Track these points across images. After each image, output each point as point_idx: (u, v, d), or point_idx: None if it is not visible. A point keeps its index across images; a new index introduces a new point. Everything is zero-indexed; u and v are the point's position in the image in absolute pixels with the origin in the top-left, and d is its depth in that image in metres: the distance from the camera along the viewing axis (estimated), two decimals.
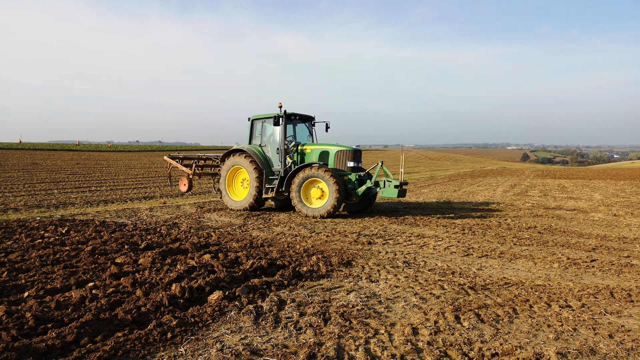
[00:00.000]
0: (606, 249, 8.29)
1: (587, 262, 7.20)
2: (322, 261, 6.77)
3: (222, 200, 13.64)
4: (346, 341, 3.95)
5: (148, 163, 40.08)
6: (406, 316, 4.64)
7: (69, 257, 6.47)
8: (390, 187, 11.78)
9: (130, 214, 11.94)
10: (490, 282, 6.00)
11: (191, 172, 14.63)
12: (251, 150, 12.98)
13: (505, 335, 4.18)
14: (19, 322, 3.93)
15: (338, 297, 5.20)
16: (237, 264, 6.40)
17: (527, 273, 6.55)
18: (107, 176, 25.34)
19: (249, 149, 13.03)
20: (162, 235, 8.71)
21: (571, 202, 16.35)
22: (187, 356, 3.61)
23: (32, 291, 4.82)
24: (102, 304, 4.47)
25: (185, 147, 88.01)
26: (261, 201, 12.98)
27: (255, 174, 12.63)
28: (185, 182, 14.59)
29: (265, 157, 13.05)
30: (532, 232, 9.97)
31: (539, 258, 7.46)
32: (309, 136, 13.88)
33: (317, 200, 11.97)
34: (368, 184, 11.99)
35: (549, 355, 3.69)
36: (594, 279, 6.27)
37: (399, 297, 5.28)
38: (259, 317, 4.48)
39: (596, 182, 27.52)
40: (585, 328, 4.40)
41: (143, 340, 3.77)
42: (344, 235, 9.28)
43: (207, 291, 5.07)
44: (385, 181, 11.94)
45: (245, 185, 13.40)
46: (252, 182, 12.70)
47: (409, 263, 6.99)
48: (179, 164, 15.16)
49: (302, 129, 13.85)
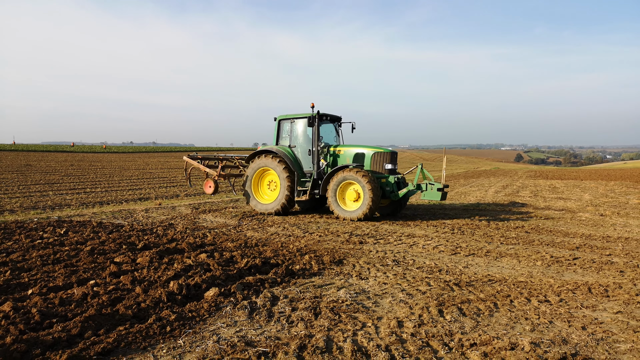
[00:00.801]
0: (589, 247, 8.59)
1: (569, 260, 7.49)
2: (314, 260, 7.02)
3: (250, 205, 13.19)
4: (335, 333, 4.21)
5: (142, 164, 40.19)
6: (392, 310, 4.90)
7: (69, 257, 6.69)
8: (433, 190, 11.56)
9: (126, 215, 12.13)
10: (475, 279, 6.27)
11: (216, 174, 14.02)
12: (281, 152, 12.49)
13: (484, 327, 4.46)
14: (25, 317, 4.16)
15: (329, 293, 5.46)
16: (232, 262, 6.64)
17: (511, 270, 6.83)
18: (102, 177, 25.45)
19: (278, 150, 12.54)
20: (159, 236, 8.93)
21: (560, 202, 16.68)
22: (186, 347, 3.85)
23: (36, 289, 5.03)
24: (104, 301, 4.70)
25: (182, 148, 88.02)
26: (292, 203, 12.58)
27: (285, 176, 12.22)
28: (210, 184, 13.88)
29: (295, 159, 12.59)
30: (520, 231, 10.27)
31: (524, 256, 7.75)
32: (335, 137, 13.49)
33: (353, 202, 11.67)
34: (410, 187, 11.79)
35: (523, 345, 3.96)
36: (574, 276, 6.55)
37: (386, 293, 5.54)
38: (253, 312, 4.73)
39: (587, 183, 27.92)
40: (561, 321, 4.67)
41: (144, 333, 4.01)
42: (336, 235, 9.54)
43: (204, 288, 5.31)
44: (427, 184, 11.68)
45: (273, 187, 12.97)
46: (283, 185, 12.29)
47: (398, 261, 7.26)
48: (201, 165, 14.47)
49: (329, 130, 13.40)
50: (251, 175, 13.06)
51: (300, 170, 12.56)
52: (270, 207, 12.64)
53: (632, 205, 15.53)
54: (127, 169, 33.84)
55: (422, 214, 13.03)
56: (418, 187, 11.76)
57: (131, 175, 27.56)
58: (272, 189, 12.99)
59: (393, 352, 3.84)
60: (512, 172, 45.31)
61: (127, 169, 33.07)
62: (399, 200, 12.48)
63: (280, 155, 12.45)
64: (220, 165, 14.36)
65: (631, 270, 6.88)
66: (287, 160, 12.35)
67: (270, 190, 13.08)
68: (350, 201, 11.73)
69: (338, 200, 11.75)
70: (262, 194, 13.17)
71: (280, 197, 12.42)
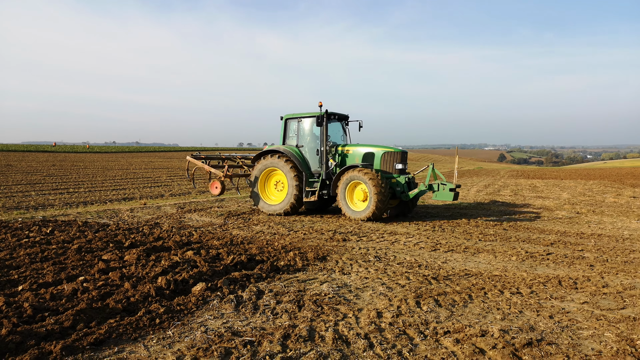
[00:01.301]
0: (563, 243, 8.96)
1: (543, 255, 7.83)
2: (298, 256, 7.24)
3: (257, 206, 13.07)
4: (317, 323, 4.43)
5: (126, 164, 39.94)
6: (373, 302, 5.14)
7: (57, 255, 6.80)
8: (445, 191, 11.39)
9: (111, 214, 12.19)
10: (453, 273, 6.56)
11: (223, 174, 13.75)
12: (288, 151, 12.33)
13: (458, 317, 4.73)
14: (18, 311, 4.30)
15: (312, 287, 5.68)
16: (218, 259, 6.81)
17: (487, 265, 7.14)
18: (85, 178, 25.27)
19: (285, 150, 12.38)
20: (145, 235, 9.05)
21: (539, 201, 17.15)
22: (175, 338, 4.04)
23: (26, 285, 5.16)
24: (94, 295, 4.85)
25: (166, 148, 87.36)
26: (300, 204, 12.44)
27: (293, 175, 12.05)
28: (217, 185, 13.60)
29: (302, 159, 12.43)
30: (497, 228, 10.62)
31: (500, 252, 8.07)
32: (343, 136, 13.27)
33: (362, 202, 11.55)
34: (421, 187, 11.62)
35: (493, 332, 4.24)
36: (547, 270, 6.88)
37: (367, 286, 5.79)
38: (239, 305, 4.93)
39: (567, 182, 28.58)
40: (530, 311, 4.97)
41: (134, 325, 4.19)
42: (320, 233, 9.77)
43: (191, 283, 5.49)
44: (439, 184, 11.50)
45: (280, 188, 12.79)
46: (291, 185, 12.12)
47: (380, 257, 7.51)
48: (205, 165, 14.21)
49: (336, 129, 13.18)
50: (258, 176, 12.84)
51: (308, 170, 12.40)
52: (278, 208, 12.44)
53: (608, 204, 16.05)
54: (110, 169, 33.60)
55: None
56: (429, 188, 11.61)
57: (115, 176, 27.40)
58: (280, 190, 12.82)
59: (372, 340, 4.08)
60: (494, 172, 46.06)
61: (110, 169, 32.85)
62: (409, 201, 12.34)
63: (287, 155, 12.28)
64: (227, 165, 14.08)
65: (600, 264, 7.24)
66: (295, 160, 12.19)
67: (277, 190, 12.89)
68: (359, 201, 11.65)
69: (347, 200, 11.65)
70: (269, 195, 12.99)
71: (288, 198, 12.25)
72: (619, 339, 4.20)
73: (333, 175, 12.17)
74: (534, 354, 3.84)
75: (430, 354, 3.83)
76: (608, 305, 5.21)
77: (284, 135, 13.08)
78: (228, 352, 3.76)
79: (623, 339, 4.19)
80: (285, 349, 3.84)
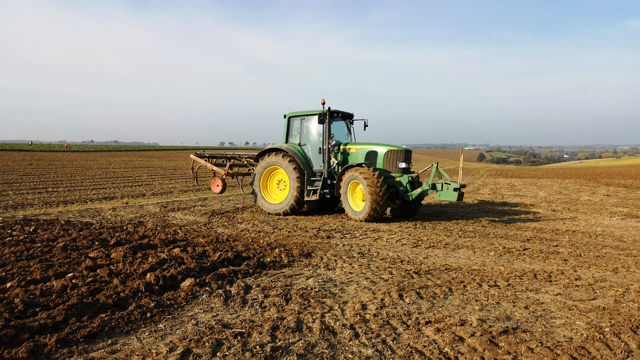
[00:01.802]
0: (539, 239, 9.29)
1: (520, 251, 8.12)
2: (284, 253, 7.38)
3: (257, 204, 12.88)
4: (305, 316, 4.59)
5: (105, 163, 39.45)
6: (357, 296, 5.33)
7: (43, 253, 6.81)
8: (449, 190, 10.87)
9: (93, 213, 12.12)
10: (434, 268, 6.79)
11: (224, 173, 13.69)
12: (290, 150, 12.16)
13: (439, 308, 4.94)
14: (9, 307, 4.36)
15: (298, 282, 5.84)
16: (204, 256, 6.91)
17: (467, 260, 7.39)
18: (63, 177, 24.89)
19: (287, 148, 12.20)
20: (130, 233, 9.07)
21: (517, 199, 17.60)
22: (167, 330, 4.15)
23: (14, 282, 5.19)
24: (83, 291, 4.93)
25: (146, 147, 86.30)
26: (302, 204, 12.16)
27: (295, 175, 11.82)
28: (218, 183, 13.57)
29: (305, 157, 12.24)
30: (477, 226, 10.93)
31: (479, 248, 8.34)
32: (347, 135, 13.11)
33: (362, 202, 11.31)
34: (425, 187, 11.21)
35: (472, 321, 4.46)
36: (523, 264, 7.16)
37: (352, 281, 5.97)
38: (228, 299, 5.06)
39: (544, 181, 29.27)
40: (507, 302, 5.21)
41: (125, 319, 4.28)
42: (304, 231, 9.92)
43: (179, 279, 5.60)
44: (443, 184, 11.01)
45: (282, 187, 12.62)
46: (292, 184, 11.90)
47: (364, 254, 7.70)
48: (208, 163, 14.15)
49: (341, 127, 13.01)
50: (259, 174, 12.69)
51: (310, 169, 12.21)
52: (279, 208, 12.24)
53: (583, 202, 16.57)
54: (89, 168, 33.14)
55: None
56: (433, 187, 11.19)
57: (94, 175, 27.05)
58: (282, 189, 12.65)
59: (357, 330, 4.26)
60: (474, 171, 46.85)
61: (89, 168, 32.41)
62: (413, 201, 11.90)
63: (290, 154, 12.10)
64: (228, 164, 13.99)
65: (574, 259, 7.56)
66: (297, 159, 12.01)
67: (279, 189, 12.74)
68: (360, 201, 11.46)
69: (349, 200, 11.45)
70: (271, 194, 12.81)
71: (289, 198, 12.04)
72: (589, 327, 4.46)
73: (335, 174, 12.04)
74: (510, 340, 4.07)
75: (413, 342, 4.03)
76: (580, 296, 5.49)
77: (287, 133, 12.88)
78: (219, 343, 3.89)
79: (593, 327, 4.46)
80: (274, 339, 3.99)
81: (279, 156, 12.30)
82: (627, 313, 4.84)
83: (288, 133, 12.88)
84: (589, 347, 3.98)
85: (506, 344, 3.99)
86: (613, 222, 11.65)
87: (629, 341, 4.11)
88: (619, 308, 5.01)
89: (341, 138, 12.89)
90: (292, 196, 11.95)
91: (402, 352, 3.80)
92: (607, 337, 4.18)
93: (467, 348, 3.91)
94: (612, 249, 8.34)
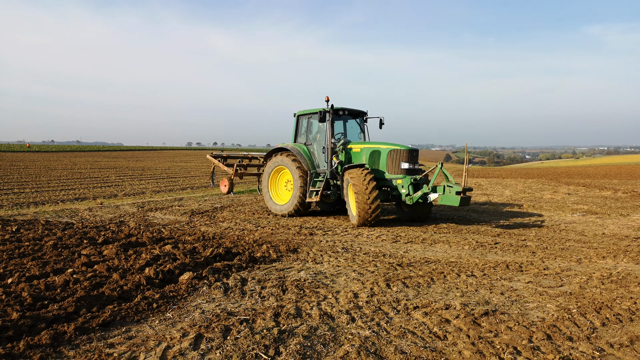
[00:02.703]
0: (508, 234, 9.90)
1: (491, 244, 8.68)
2: (271, 249, 7.68)
3: (266, 205, 12.72)
4: (302, 304, 4.92)
5: (69, 164, 38.57)
6: (348, 286, 5.69)
7: (34, 251, 6.88)
8: (451, 194, 9.93)
9: (70, 214, 12.05)
10: (414, 260, 7.23)
11: (232, 173, 13.53)
12: (295, 149, 11.97)
13: (424, 295, 5.37)
14: (18, 300, 4.51)
15: (291, 274, 6.16)
16: (196, 252, 7.13)
17: (444, 254, 7.87)
18: (28, 178, 24.25)
19: (292, 148, 12.05)
20: (115, 232, 9.16)
21: (485, 197, 18.39)
22: (175, 319, 4.41)
23: (15, 278, 5.31)
24: (86, 285, 5.10)
25: (110, 147, 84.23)
26: (306, 205, 11.88)
27: (298, 175, 11.60)
28: (225, 183, 13.48)
29: (310, 157, 11.95)
30: (450, 222, 11.49)
31: (454, 242, 8.86)
32: (360, 133, 12.61)
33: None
34: (424, 189, 10.38)
35: (455, 305, 4.90)
36: (495, 257, 7.70)
37: (340, 273, 6.33)
38: (228, 290, 5.34)
39: (508, 180, 30.45)
40: (484, 289, 5.68)
41: (134, 310, 4.51)
42: (287, 228, 10.23)
43: (177, 273, 5.82)
44: (445, 186, 10.12)
45: (290, 187, 12.42)
46: (296, 184, 11.66)
47: (347, 249, 8.08)
48: (221, 164, 14.07)
49: (354, 126, 12.62)
50: (267, 174, 12.54)
51: (315, 169, 11.87)
52: (284, 208, 12.03)
53: (546, 200, 17.48)
54: (53, 168, 32.34)
55: None
56: (433, 190, 10.46)
57: (60, 176, 26.45)
58: (289, 189, 12.48)
59: (353, 315, 4.63)
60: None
61: (53, 169, 31.63)
62: (420, 205, 11.16)
63: (294, 154, 11.90)
64: (235, 164, 13.95)
65: (541, 251, 8.15)
66: (301, 159, 11.77)
67: (287, 189, 12.57)
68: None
69: (349, 203, 10.92)
70: (279, 194, 12.64)
71: (293, 199, 11.83)
72: (559, 309, 4.96)
73: (338, 175, 11.60)
74: (491, 321, 4.52)
75: (404, 324, 4.42)
76: (549, 283, 6.02)
77: (296, 132, 12.62)
78: (227, 328, 4.18)
79: (562, 308, 4.96)
80: (278, 324, 4.31)
81: (284, 156, 12.17)
82: (591, 297, 5.38)
83: (297, 132, 12.63)
84: (560, 325, 4.46)
85: (487, 324, 4.43)
86: (575, 218, 12.45)
87: (594, 320, 4.62)
88: (583, 293, 5.55)
89: (353, 137, 12.55)
90: (296, 197, 11.73)
91: (396, 333, 4.19)
92: (575, 317, 4.68)
93: (454, 328, 4.33)
94: (575, 242, 9.01)
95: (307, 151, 12.10)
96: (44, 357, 3.46)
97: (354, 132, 12.66)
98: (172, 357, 3.59)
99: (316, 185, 11.65)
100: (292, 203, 11.85)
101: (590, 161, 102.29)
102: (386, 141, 11.58)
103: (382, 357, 3.69)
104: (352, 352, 3.72)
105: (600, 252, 8.02)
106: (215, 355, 3.62)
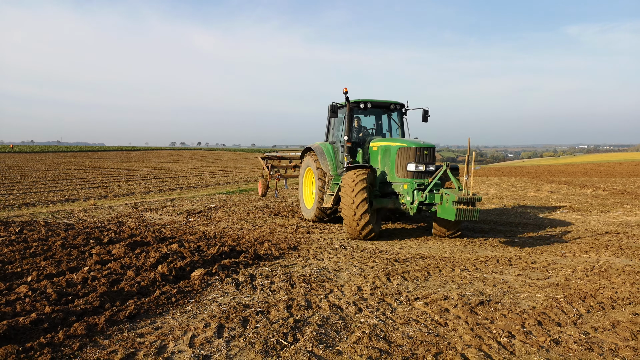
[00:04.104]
0: (496, 231, 10.36)
1: (481, 241, 9.12)
2: (273, 247, 7.99)
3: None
4: (311, 297, 5.26)
5: (53, 165, 38.22)
6: (351, 280, 6.05)
7: (44, 251, 7.08)
8: (448, 205, 7.98)
9: (66, 215, 12.17)
10: (410, 256, 7.62)
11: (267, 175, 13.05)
12: (318, 149, 10.92)
13: (423, 287, 5.76)
14: (44, 296, 4.76)
15: (295, 270, 6.50)
16: (201, 251, 7.42)
17: (437, 250, 8.28)
18: (12, 179, 24.00)
19: (316, 147, 11.02)
20: (116, 232, 9.36)
21: None
22: (195, 311, 4.71)
23: (33, 276, 5.54)
24: (104, 282, 5.36)
25: (92, 148, 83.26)
26: (325, 211, 10.65)
27: (317, 177, 10.71)
28: (260, 185, 13.21)
29: (333, 157, 10.64)
30: None
31: (445, 239, 9.28)
32: (398, 129, 11.02)
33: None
34: (419, 197, 8.75)
35: (453, 296, 5.30)
36: (486, 252, 8.13)
37: (342, 268, 6.69)
38: (239, 285, 5.65)
39: (492, 179, 31.13)
40: (478, 281, 6.09)
41: (155, 303, 4.80)
42: (284, 228, 10.54)
43: (188, 270, 6.11)
44: (443, 194, 8.26)
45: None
46: (316, 188, 10.80)
47: (345, 246, 8.44)
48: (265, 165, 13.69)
49: (380, 121, 11.28)
50: (301, 176, 11.92)
51: (337, 170, 10.55)
52: (308, 213, 11.25)
53: (530, 198, 18.09)
54: (37, 170, 32.03)
55: None
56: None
57: (44, 177, 26.22)
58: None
59: (360, 306, 4.99)
60: None
61: (37, 170, 31.34)
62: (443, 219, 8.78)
63: (317, 154, 10.89)
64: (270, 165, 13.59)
65: (528, 246, 8.62)
66: (322, 159, 10.72)
67: (314, 192, 11.64)
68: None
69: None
70: (308, 197, 11.82)
71: (314, 203, 10.88)
72: (547, 298, 5.39)
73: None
74: (486, 309, 4.92)
75: (408, 314, 4.79)
76: (537, 276, 6.46)
77: (327, 129, 11.32)
78: (245, 319, 4.50)
79: (550, 298, 5.39)
80: (292, 315, 4.64)
81: (310, 156, 11.37)
82: (576, 287, 5.82)
83: (329, 129, 11.33)
84: (549, 312, 4.88)
85: (483, 312, 4.83)
86: (558, 215, 13.00)
87: (580, 308, 5.05)
88: (569, 284, 6.00)
89: (393, 134, 11.13)
90: (315, 202, 10.80)
91: (401, 321, 4.56)
92: (562, 305, 5.10)
93: (453, 316, 4.72)
94: (560, 238, 9.50)
95: (331, 151, 10.76)
96: (82, 345, 3.74)
97: (393, 128, 11.17)
98: (200, 344, 3.90)
99: (334, 188, 10.32)
100: (314, 208, 10.89)
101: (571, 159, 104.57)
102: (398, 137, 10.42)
103: (391, 341, 4.05)
104: (364, 337, 4.08)
105: (583, 246, 8.51)
106: (239, 342, 3.94)
